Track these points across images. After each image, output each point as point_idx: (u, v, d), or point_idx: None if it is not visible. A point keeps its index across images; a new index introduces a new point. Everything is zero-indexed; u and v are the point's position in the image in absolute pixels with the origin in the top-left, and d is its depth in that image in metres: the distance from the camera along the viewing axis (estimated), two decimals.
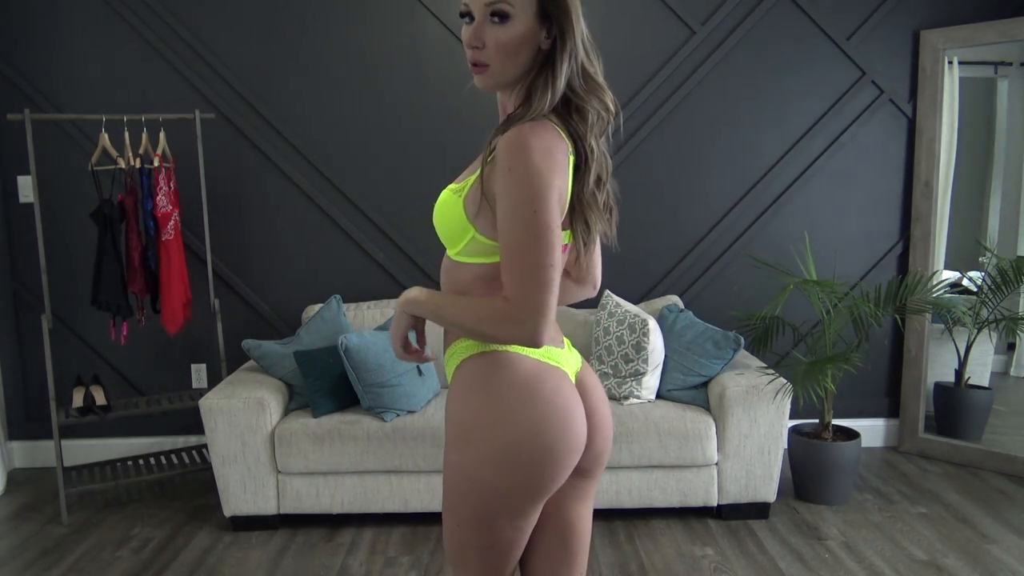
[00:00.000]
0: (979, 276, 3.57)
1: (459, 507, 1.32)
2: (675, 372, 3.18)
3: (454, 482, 1.31)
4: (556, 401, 1.28)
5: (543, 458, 1.26)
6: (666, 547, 2.85)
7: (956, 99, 3.58)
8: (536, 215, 1.19)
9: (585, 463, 1.40)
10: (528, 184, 1.19)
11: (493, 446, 1.26)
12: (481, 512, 1.30)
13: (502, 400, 1.27)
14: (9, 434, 3.75)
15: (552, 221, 1.20)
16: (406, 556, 2.82)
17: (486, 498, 1.28)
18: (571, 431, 1.28)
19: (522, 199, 1.19)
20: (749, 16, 3.58)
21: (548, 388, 1.29)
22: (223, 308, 3.58)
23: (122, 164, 3.16)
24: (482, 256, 1.32)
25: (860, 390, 3.80)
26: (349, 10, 3.56)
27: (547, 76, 1.28)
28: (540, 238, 1.20)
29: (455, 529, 1.34)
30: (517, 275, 1.20)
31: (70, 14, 3.52)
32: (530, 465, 1.26)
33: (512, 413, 1.27)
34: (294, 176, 3.64)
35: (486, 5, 1.27)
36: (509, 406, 1.27)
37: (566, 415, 1.28)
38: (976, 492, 3.28)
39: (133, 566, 2.78)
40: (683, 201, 3.71)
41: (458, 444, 1.30)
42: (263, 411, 2.95)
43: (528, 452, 1.26)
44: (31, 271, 3.64)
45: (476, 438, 1.28)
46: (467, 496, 1.30)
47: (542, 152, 1.21)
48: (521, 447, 1.26)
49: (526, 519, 1.33)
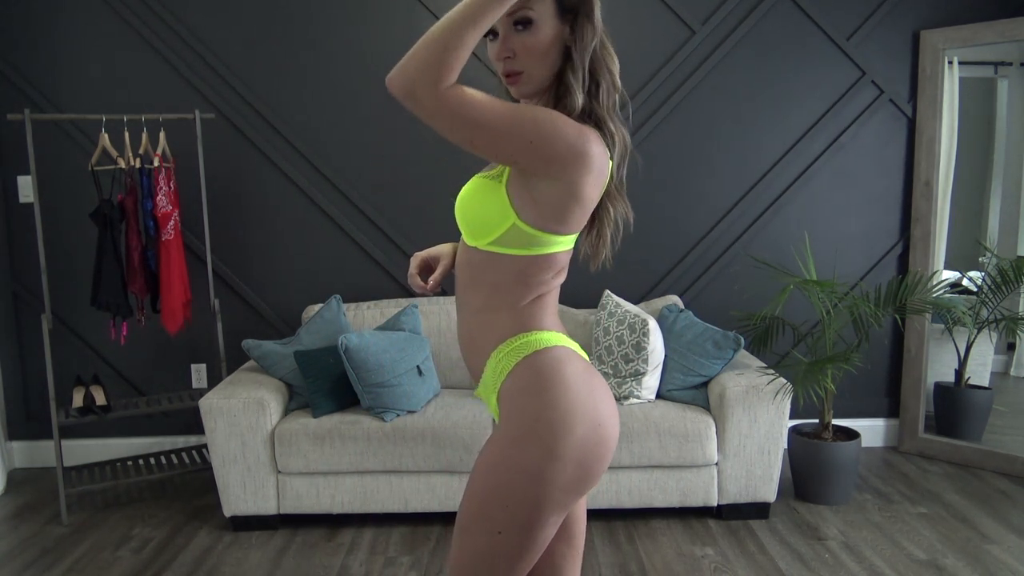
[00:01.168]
0: (979, 276, 3.57)
1: (506, 510, 1.27)
2: (675, 372, 3.18)
3: (509, 483, 1.27)
4: (607, 394, 1.36)
5: (606, 447, 1.32)
6: (666, 547, 2.85)
7: (956, 99, 3.58)
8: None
9: None
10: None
11: (566, 440, 1.27)
12: (535, 511, 1.27)
13: (570, 395, 1.29)
14: (9, 434, 3.75)
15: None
16: (406, 556, 2.82)
17: (547, 494, 1.27)
18: (617, 420, 1.37)
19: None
20: (749, 16, 3.58)
21: (598, 381, 1.35)
22: (223, 308, 3.58)
23: (122, 164, 3.16)
24: (518, 247, 1.32)
25: (860, 390, 3.80)
26: (349, 10, 3.56)
27: (573, 73, 1.32)
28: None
29: (487, 540, 1.29)
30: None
31: (70, 14, 3.52)
32: (596, 456, 1.30)
33: (581, 406, 1.29)
34: (294, 176, 3.64)
35: (508, 16, 1.29)
36: (577, 400, 1.29)
37: (614, 406, 1.37)
38: (976, 492, 3.28)
39: (133, 566, 2.78)
40: (683, 201, 3.71)
41: (521, 442, 1.28)
42: (263, 411, 2.95)
43: (595, 443, 1.30)
44: (31, 271, 3.64)
45: (546, 433, 1.27)
46: (525, 495, 1.26)
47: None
48: (590, 438, 1.29)
49: (564, 514, 1.34)
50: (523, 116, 1.24)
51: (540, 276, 1.34)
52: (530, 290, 1.34)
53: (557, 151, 1.24)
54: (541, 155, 1.24)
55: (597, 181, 1.30)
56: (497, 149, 1.24)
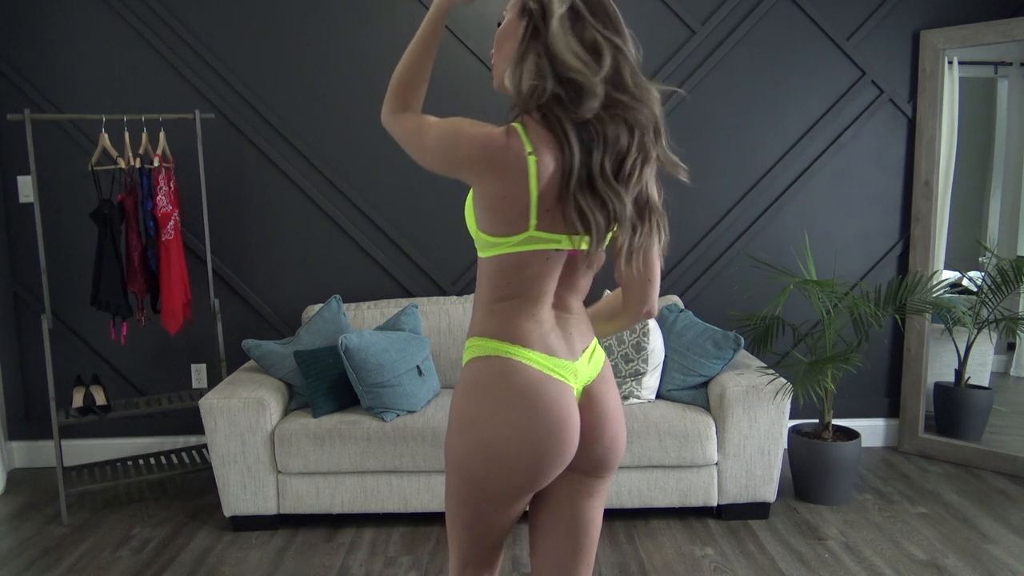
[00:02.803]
0: (979, 276, 3.57)
1: (450, 482, 1.43)
2: (675, 372, 3.18)
3: (448, 461, 1.43)
4: (549, 415, 1.34)
5: (526, 461, 1.34)
6: (666, 547, 2.85)
7: (956, 99, 3.58)
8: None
9: (584, 465, 1.44)
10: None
11: (484, 440, 1.35)
12: (465, 493, 1.40)
13: (500, 402, 1.34)
14: (9, 434, 3.75)
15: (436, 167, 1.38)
16: (406, 556, 2.82)
17: (471, 483, 1.38)
18: (556, 444, 1.34)
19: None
20: (749, 16, 3.58)
21: (545, 400, 1.34)
22: (223, 308, 3.58)
23: (122, 164, 3.16)
24: (482, 250, 1.38)
25: (860, 390, 3.80)
26: (349, 10, 3.56)
27: (510, 67, 1.33)
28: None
29: (447, 498, 1.47)
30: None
31: (70, 14, 3.52)
32: (514, 465, 1.34)
33: (506, 415, 1.34)
34: (294, 176, 3.64)
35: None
36: (505, 408, 1.34)
37: (556, 428, 1.34)
38: (976, 492, 3.28)
39: (133, 566, 2.78)
40: (683, 201, 3.70)
41: (455, 431, 1.40)
42: (263, 411, 2.95)
43: (514, 453, 1.34)
44: (31, 271, 3.65)
45: (471, 429, 1.36)
46: (456, 476, 1.41)
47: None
48: (508, 447, 1.33)
49: (507, 509, 1.41)
50: (439, 131, 1.34)
51: (500, 279, 1.36)
52: (495, 292, 1.37)
53: (460, 156, 1.31)
54: (453, 164, 1.33)
55: (504, 179, 1.27)
56: (435, 166, 1.36)
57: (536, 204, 1.29)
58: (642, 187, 1.37)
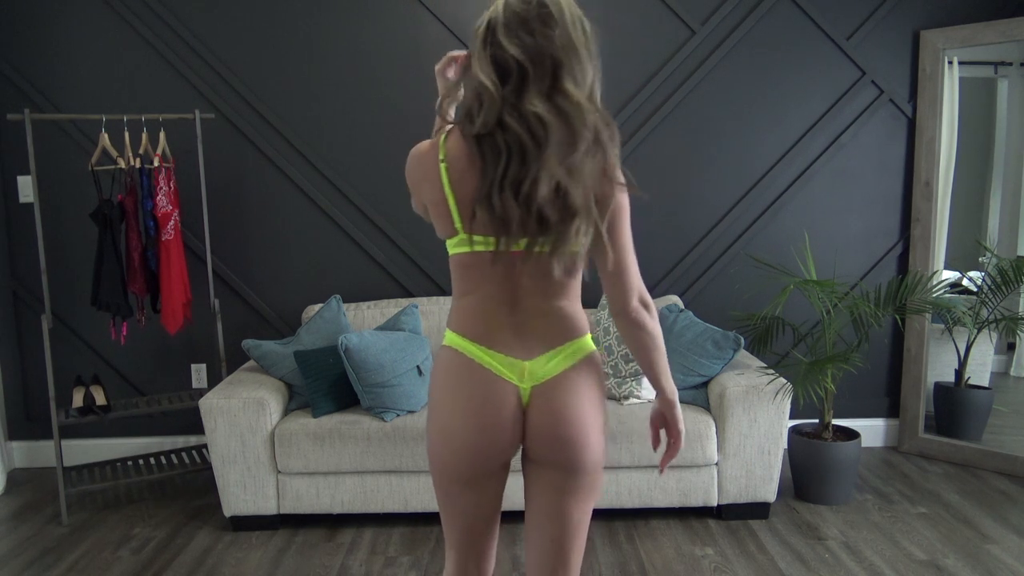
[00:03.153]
0: (979, 276, 3.57)
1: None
2: (675, 372, 3.18)
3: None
4: (483, 406, 1.42)
5: (463, 443, 1.43)
6: (666, 547, 2.85)
7: (956, 99, 3.58)
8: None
9: (547, 461, 1.46)
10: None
11: (436, 424, 1.47)
12: (435, 477, 1.51)
13: (444, 388, 1.46)
14: (9, 434, 3.75)
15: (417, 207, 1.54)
16: (406, 556, 2.82)
17: (433, 465, 1.51)
18: (486, 433, 1.42)
19: None
20: (749, 16, 3.58)
21: (477, 390, 1.43)
22: (223, 308, 3.58)
23: (122, 164, 3.16)
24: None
25: (860, 390, 3.80)
26: (349, 10, 3.56)
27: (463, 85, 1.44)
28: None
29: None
30: None
31: (70, 14, 3.52)
32: (455, 447, 1.44)
33: (450, 400, 1.45)
34: (294, 176, 3.65)
35: None
36: (447, 393, 1.46)
37: (485, 420, 1.42)
38: (976, 492, 3.29)
39: (133, 566, 2.78)
40: (683, 201, 3.71)
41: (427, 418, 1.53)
42: (263, 411, 2.95)
43: (457, 436, 1.44)
44: (31, 271, 3.65)
45: (430, 415, 1.50)
46: (429, 461, 1.52)
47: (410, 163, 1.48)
48: (452, 430, 1.44)
49: (468, 492, 1.48)
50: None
51: (456, 278, 1.47)
52: (457, 289, 1.48)
53: (407, 176, 1.50)
54: (411, 187, 1.51)
55: (428, 185, 1.42)
56: (413, 201, 1.56)
57: (455, 208, 1.39)
58: (560, 193, 1.32)
